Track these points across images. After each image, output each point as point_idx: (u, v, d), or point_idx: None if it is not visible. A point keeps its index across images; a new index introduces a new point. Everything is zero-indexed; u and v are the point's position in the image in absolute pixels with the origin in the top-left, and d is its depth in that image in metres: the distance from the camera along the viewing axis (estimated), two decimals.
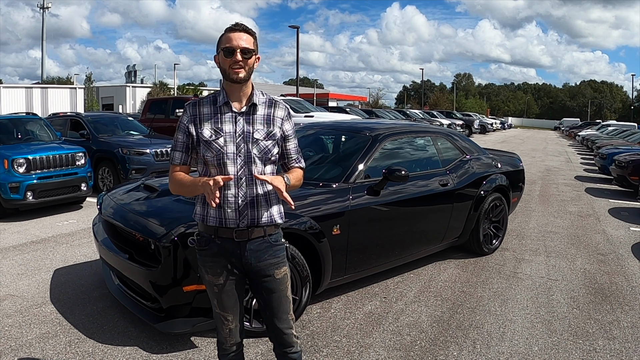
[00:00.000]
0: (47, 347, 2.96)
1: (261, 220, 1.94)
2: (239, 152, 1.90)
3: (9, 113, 12.66)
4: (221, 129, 1.91)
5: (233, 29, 1.89)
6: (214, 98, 1.96)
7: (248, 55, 1.88)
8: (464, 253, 4.89)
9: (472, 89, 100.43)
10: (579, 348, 3.05)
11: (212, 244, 1.96)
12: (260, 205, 1.94)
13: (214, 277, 1.98)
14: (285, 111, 2.01)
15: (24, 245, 5.13)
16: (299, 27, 24.62)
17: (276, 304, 2.00)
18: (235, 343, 2.07)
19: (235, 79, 1.87)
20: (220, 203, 1.89)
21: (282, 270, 2.00)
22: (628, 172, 8.87)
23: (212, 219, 1.93)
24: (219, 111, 1.93)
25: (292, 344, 2.06)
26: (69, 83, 35.86)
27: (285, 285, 2.01)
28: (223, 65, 1.89)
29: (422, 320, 3.42)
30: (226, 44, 1.87)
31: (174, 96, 18.73)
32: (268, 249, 1.97)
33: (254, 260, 1.94)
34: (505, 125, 47.79)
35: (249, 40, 1.89)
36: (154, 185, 3.70)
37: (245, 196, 1.91)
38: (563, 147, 24.57)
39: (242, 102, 1.94)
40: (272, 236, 1.99)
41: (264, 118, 1.95)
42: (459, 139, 5.09)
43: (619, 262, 4.82)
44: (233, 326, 2.03)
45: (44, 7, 34.69)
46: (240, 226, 1.91)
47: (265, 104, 1.97)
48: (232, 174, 1.88)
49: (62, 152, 6.71)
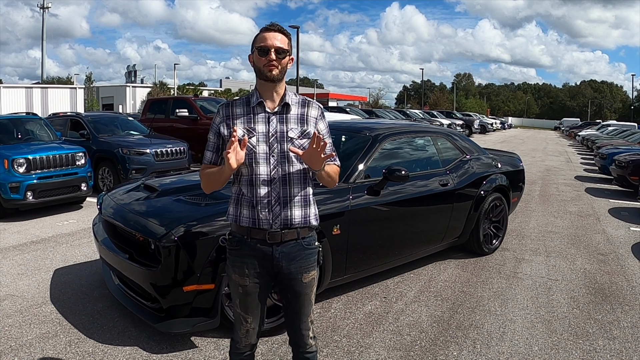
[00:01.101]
0: (47, 347, 2.96)
1: (294, 221, 1.92)
2: (272, 152, 1.89)
3: (9, 113, 12.65)
4: (254, 128, 1.90)
5: (268, 29, 1.89)
6: (247, 99, 1.97)
7: (282, 55, 1.88)
8: (464, 253, 4.89)
9: (472, 89, 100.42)
10: (579, 348, 3.05)
11: (244, 245, 1.95)
12: (294, 207, 1.92)
13: (241, 277, 1.97)
14: (318, 111, 2.01)
15: (24, 245, 5.13)
16: (299, 27, 24.59)
17: (299, 307, 2.01)
18: (250, 344, 2.07)
19: (269, 76, 1.87)
20: (254, 203, 1.90)
21: (311, 275, 1.99)
22: (628, 172, 8.87)
23: (245, 220, 1.93)
24: (252, 111, 1.93)
25: (308, 345, 2.08)
26: (69, 83, 35.87)
27: (311, 289, 2.01)
28: (257, 64, 1.89)
29: (422, 320, 3.42)
30: (261, 43, 1.87)
31: (174, 96, 18.73)
32: (300, 252, 1.95)
33: (284, 263, 1.93)
34: (505, 125, 47.78)
35: (284, 40, 1.90)
36: (154, 185, 3.70)
37: (278, 196, 1.90)
38: (563, 147, 24.57)
39: (275, 102, 1.93)
40: (306, 239, 1.97)
41: (297, 117, 1.95)
42: (459, 139, 5.09)
43: (619, 262, 4.82)
44: (251, 328, 2.03)
45: (44, 7, 34.69)
46: (273, 227, 1.90)
47: (298, 103, 1.98)
48: (264, 175, 1.88)
49: (62, 152, 6.71)
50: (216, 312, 2.97)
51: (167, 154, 8.36)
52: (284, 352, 2.95)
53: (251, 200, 1.91)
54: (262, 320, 2.07)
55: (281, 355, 2.91)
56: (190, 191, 3.54)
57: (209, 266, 2.88)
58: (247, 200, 1.93)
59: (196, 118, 10.29)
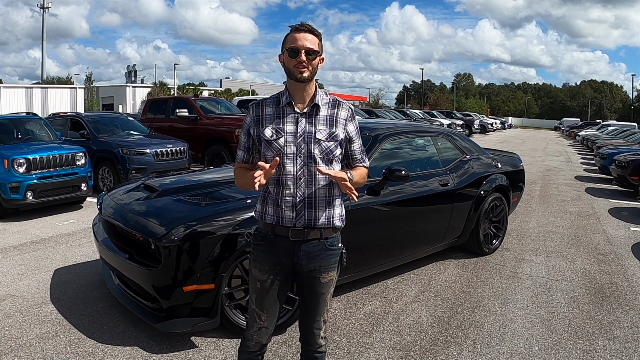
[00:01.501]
0: (47, 347, 2.96)
1: (318, 221, 1.93)
2: (299, 152, 1.90)
3: (9, 113, 12.66)
4: (282, 129, 1.91)
5: (299, 29, 1.89)
6: (277, 98, 1.98)
7: (312, 56, 1.88)
8: (464, 253, 4.89)
9: (472, 89, 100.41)
10: (579, 348, 3.05)
11: (267, 241, 1.97)
12: (319, 207, 1.93)
13: (260, 273, 1.98)
14: (348, 112, 2.00)
15: (24, 245, 5.13)
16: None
17: (314, 305, 2.02)
18: (261, 344, 2.05)
19: (299, 78, 1.87)
20: (279, 202, 1.92)
21: (330, 275, 1.99)
22: (628, 172, 8.87)
23: (270, 217, 1.95)
24: (282, 111, 1.93)
25: (318, 344, 2.08)
26: (69, 83, 35.88)
27: (328, 290, 2.02)
28: (287, 64, 1.89)
29: (422, 320, 3.42)
30: (291, 44, 1.87)
31: (174, 96, 18.73)
32: (322, 252, 1.96)
33: (305, 261, 1.94)
34: (505, 125, 47.79)
35: (314, 41, 1.89)
36: (154, 185, 3.70)
37: (303, 196, 1.91)
38: (563, 147, 24.57)
39: (305, 103, 1.94)
40: (329, 240, 1.98)
41: (326, 119, 1.94)
42: (459, 138, 5.09)
43: (619, 262, 4.82)
44: (264, 326, 2.02)
45: (44, 7, 34.71)
46: (296, 226, 1.92)
47: (328, 104, 1.97)
48: (290, 175, 1.90)
49: (62, 152, 6.71)
50: (216, 312, 2.97)
51: (167, 154, 8.36)
52: (284, 352, 2.95)
53: (276, 199, 1.93)
54: (276, 320, 2.06)
55: (281, 355, 2.91)
56: (190, 191, 3.55)
57: (209, 266, 2.88)
58: (272, 198, 1.95)
59: (196, 118, 10.29)
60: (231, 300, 3.06)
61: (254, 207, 2.07)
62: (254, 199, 3.25)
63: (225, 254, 2.92)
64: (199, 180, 3.93)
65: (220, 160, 9.62)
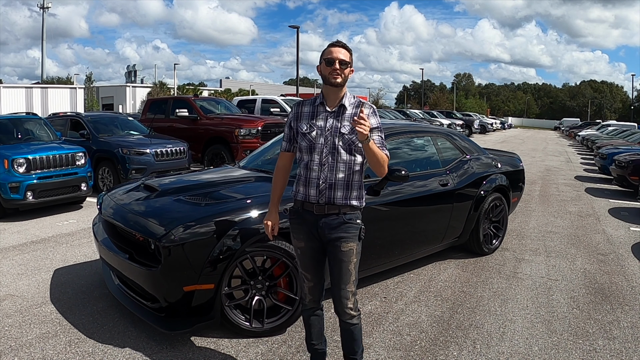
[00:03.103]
0: (47, 347, 2.96)
1: (336, 200, 2.33)
2: (326, 143, 2.33)
3: (9, 113, 12.65)
4: (315, 124, 2.36)
5: (334, 45, 2.35)
6: (314, 100, 2.43)
7: (344, 66, 2.32)
8: (464, 253, 4.89)
9: (472, 89, 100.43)
10: (579, 348, 3.05)
11: (298, 215, 2.42)
12: (338, 188, 2.33)
13: (298, 241, 2.45)
14: (370, 109, 2.37)
15: (24, 245, 5.13)
16: (299, 27, 24.61)
17: (338, 273, 2.36)
18: (315, 300, 2.49)
19: (333, 82, 2.30)
20: (307, 183, 2.35)
21: (349, 245, 2.34)
22: (628, 172, 8.87)
23: (300, 195, 2.39)
24: (316, 110, 2.39)
25: (349, 315, 2.38)
26: (68, 83, 35.87)
27: (349, 259, 2.34)
28: (324, 72, 2.33)
29: (422, 320, 3.42)
30: (328, 56, 2.31)
31: (174, 96, 18.73)
32: (340, 225, 2.33)
33: (326, 231, 2.34)
34: (505, 125, 47.78)
35: (346, 54, 2.33)
36: (154, 185, 3.70)
37: (326, 179, 2.33)
38: (563, 147, 24.58)
39: (334, 103, 2.37)
40: (347, 215, 2.35)
41: (351, 116, 2.33)
42: (459, 138, 5.09)
43: (619, 262, 4.82)
44: (312, 285, 2.46)
45: (44, 7, 34.69)
46: (319, 202, 2.34)
47: (353, 105, 2.38)
48: (317, 161, 2.33)
49: (62, 152, 6.71)
50: (216, 312, 2.97)
51: (167, 154, 8.35)
52: (283, 352, 2.95)
53: (305, 180, 2.36)
54: (322, 279, 2.48)
55: (281, 355, 2.91)
56: (190, 191, 3.55)
57: (208, 266, 2.88)
58: (302, 180, 2.38)
59: (196, 118, 10.29)
60: (231, 300, 3.06)
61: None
62: (254, 199, 3.26)
63: (225, 254, 2.92)
64: (199, 180, 3.93)
65: (220, 160, 9.62)
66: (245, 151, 8.91)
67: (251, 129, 9.62)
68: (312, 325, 2.54)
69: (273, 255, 3.07)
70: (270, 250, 3.05)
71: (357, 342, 2.46)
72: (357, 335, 2.44)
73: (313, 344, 2.57)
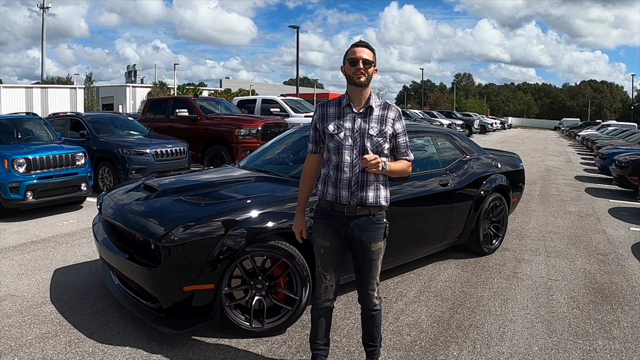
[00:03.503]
0: (47, 347, 2.96)
1: (368, 201, 2.37)
2: (355, 144, 2.34)
3: (9, 113, 12.65)
4: (342, 125, 2.36)
5: (358, 45, 2.34)
6: (339, 100, 2.43)
7: (368, 65, 2.32)
8: (464, 253, 4.89)
9: (472, 89, 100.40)
10: (579, 348, 3.05)
11: (327, 215, 2.43)
12: (369, 189, 2.37)
13: (322, 240, 2.45)
14: (396, 113, 2.43)
15: (24, 245, 5.13)
16: (299, 27, 24.61)
17: (367, 270, 2.47)
18: (328, 300, 2.52)
19: (357, 82, 2.31)
20: (337, 184, 2.37)
21: (378, 245, 2.43)
22: (628, 172, 8.87)
23: (330, 195, 2.40)
24: (342, 111, 2.39)
25: (373, 303, 2.53)
26: (68, 83, 35.85)
27: (378, 257, 2.46)
28: (348, 72, 2.34)
29: (422, 320, 3.42)
30: (351, 56, 2.32)
31: (174, 96, 18.72)
32: (370, 226, 2.40)
33: (357, 232, 2.39)
34: (505, 125, 47.76)
35: (369, 54, 2.33)
36: (154, 185, 3.70)
37: (357, 180, 2.35)
38: (563, 147, 24.58)
39: (361, 104, 2.37)
40: (376, 216, 2.41)
41: (378, 118, 2.37)
42: (459, 138, 5.09)
43: (619, 262, 4.82)
44: (329, 284, 2.49)
45: (44, 7, 34.69)
46: (350, 203, 2.36)
47: (380, 106, 2.40)
48: (347, 163, 2.34)
49: (62, 152, 6.71)
50: (216, 312, 2.97)
51: (167, 154, 8.35)
52: (284, 352, 2.95)
53: (336, 181, 2.37)
54: (339, 280, 2.53)
55: (281, 355, 2.91)
56: (190, 191, 3.54)
57: (208, 266, 2.88)
58: (332, 181, 2.39)
59: (196, 118, 10.29)
60: (231, 300, 3.06)
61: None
62: (254, 199, 3.26)
63: (225, 254, 2.92)
64: (199, 180, 3.93)
65: (220, 160, 9.62)
66: (245, 151, 8.91)
67: (251, 129, 9.62)
68: (320, 324, 2.56)
69: (273, 255, 3.07)
70: (270, 250, 3.05)
71: (378, 328, 2.59)
72: (378, 321, 2.57)
73: (317, 343, 2.58)
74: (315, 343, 2.59)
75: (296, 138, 4.68)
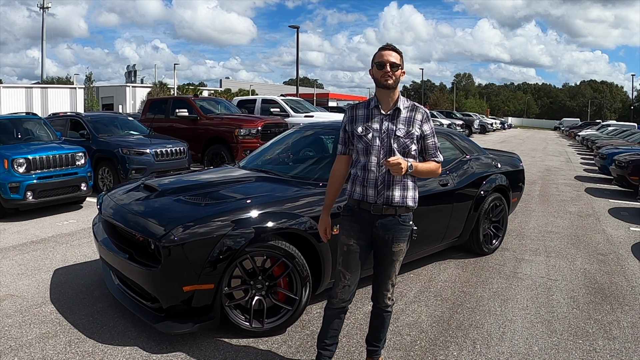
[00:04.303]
0: (47, 347, 2.96)
1: (394, 201, 2.38)
2: (383, 145, 2.37)
3: (9, 113, 12.65)
4: (371, 126, 2.39)
5: (385, 48, 2.38)
6: (367, 103, 2.46)
7: (395, 68, 2.34)
8: (464, 253, 4.89)
9: (472, 89, 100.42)
10: (579, 348, 3.05)
11: (354, 213, 2.45)
12: (395, 189, 2.38)
13: (347, 238, 2.45)
14: (424, 115, 2.44)
15: (24, 245, 5.12)
16: (299, 27, 24.60)
17: (384, 268, 2.48)
18: (344, 300, 2.50)
19: (385, 84, 2.34)
20: (365, 183, 2.39)
21: (400, 246, 2.44)
22: (628, 172, 8.87)
23: (357, 194, 2.43)
24: (371, 113, 2.42)
25: (386, 304, 2.54)
26: (68, 83, 35.85)
27: (398, 258, 2.46)
28: (376, 75, 2.36)
29: (422, 320, 3.42)
30: (379, 60, 2.35)
31: (174, 96, 18.72)
32: (396, 226, 2.41)
33: (382, 232, 2.40)
34: (505, 125, 47.76)
35: (397, 57, 2.35)
36: (154, 185, 3.70)
37: (384, 180, 2.37)
38: (563, 147, 24.57)
39: (389, 106, 2.40)
40: (402, 217, 2.42)
41: (405, 120, 2.39)
42: (459, 139, 5.09)
43: (619, 262, 4.82)
44: (348, 284, 2.47)
45: (44, 7, 34.68)
46: (377, 202, 2.38)
47: (407, 108, 2.42)
48: (375, 163, 2.37)
49: (62, 152, 6.71)
50: (216, 312, 2.97)
51: (167, 154, 8.35)
52: (283, 352, 2.95)
53: (363, 181, 2.40)
54: (357, 280, 2.50)
55: (281, 355, 2.91)
56: (190, 191, 3.54)
57: (208, 266, 2.88)
58: (360, 180, 2.42)
59: (196, 118, 10.29)
60: (231, 300, 3.05)
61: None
62: (254, 199, 3.26)
63: (225, 253, 2.92)
64: (199, 180, 3.93)
65: (220, 160, 9.62)
66: (245, 151, 8.91)
67: (251, 129, 9.62)
68: (331, 325, 2.55)
69: (273, 255, 3.07)
70: (270, 250, 3.05)
71: (385, 329, 2.61)
72: (387, 322, 2.59)
73: (325, 343, 2.58)
74: (323, 342, 2.58)
75: (296, 138, 4.68)
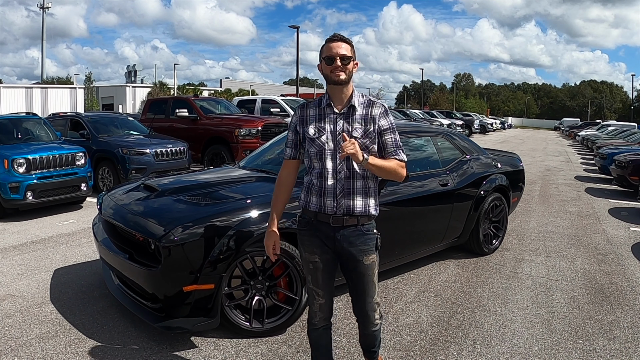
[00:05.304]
0: (47, 347, 2.96)
1: (356, 210, 2.16)
2: (339, 149, 2.10)
3: (9, 113, 12.65)
4: (324, 127, 2.15)
5: (332, 39, 2.13)
6: (319, 101, 2.22)
7: (347, 61, 2.10)
8: (464, 253, 4.89)
9: (472, 89, 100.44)
10: (579, 348, 3.05)
11: (311, 226, 2.21)
12: (356, 197, 2.16)
13: (310, 255, 2.24)
14: (381, 109, 2.19)
15: (24, 245, 5.12)
16: (298, 27, 24.60)
17: (362, 287, 2.24)
18: (324, 318, 2.31)
19: (337, 80, 2.10)
20: (322, 193, 2.16)
21: (371, 258, 2.22)
22: (628, 172, 8.87)
23: (314, 205, 2.19)
24: (323, 112, 2.18)
25: (374, 325, 2.34)
26: (68, 83, 35.85)
27: (373, 272, 2.24)
28: (325, 71, 2.13)
29: (422, 320, 3.42)
30: (327, 54, 2.10)
31: (174, 96, 18.72)
32: (360, 237, 2.19)
33: (345, 245, 2.18)
34: (505, 125, 47.76)
35: (347, 48, 2.11)
36: (154, 185, 3.70)
37: (342, 187, 2.15)
38: (563, 147, 24.57)
39: (342, 104, 2.16)
40: (365, 226, 2.21)
41: (362, 118, 2.16)
42: (459, 139, 5.09)
43: (619, 262, 4.82)
44: (323, 302, 2.28)
45: (44, 7, 34.69)
46: (337, 213, 2.15)
47: (363, 104, 2.18)
48: (331, 169, 2.13)
49: (62, 152, 6.71)
50: (216, 312, 2.97)
51: (167, 154, 8.35)
52: (283, 352, 2.95)
53: (319, 190, 2.16)
54: (332, 295, 2.33)
55: (281, 355, 2.91)
56: (190, 191, 3.55)
57: (208, 266, 2.88)
58: (316, 189, 2.18)
59: (196, 118, 10.29)
60: (231, 300, 3.06)
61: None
62: (253, 199, 3.25)
63: (225, 254, 2.92)
64: (199, 180, 3.93)
65: (220, 160, 9.62)
66: (245, 151, 8.91)
67: (251, 129, 9.63)
68: (319, 347, 2.38)
69: None
70: None
71: (378, 340, 2.46)
72: (378, 336, 2.44)
73: None
74: None
75: None
